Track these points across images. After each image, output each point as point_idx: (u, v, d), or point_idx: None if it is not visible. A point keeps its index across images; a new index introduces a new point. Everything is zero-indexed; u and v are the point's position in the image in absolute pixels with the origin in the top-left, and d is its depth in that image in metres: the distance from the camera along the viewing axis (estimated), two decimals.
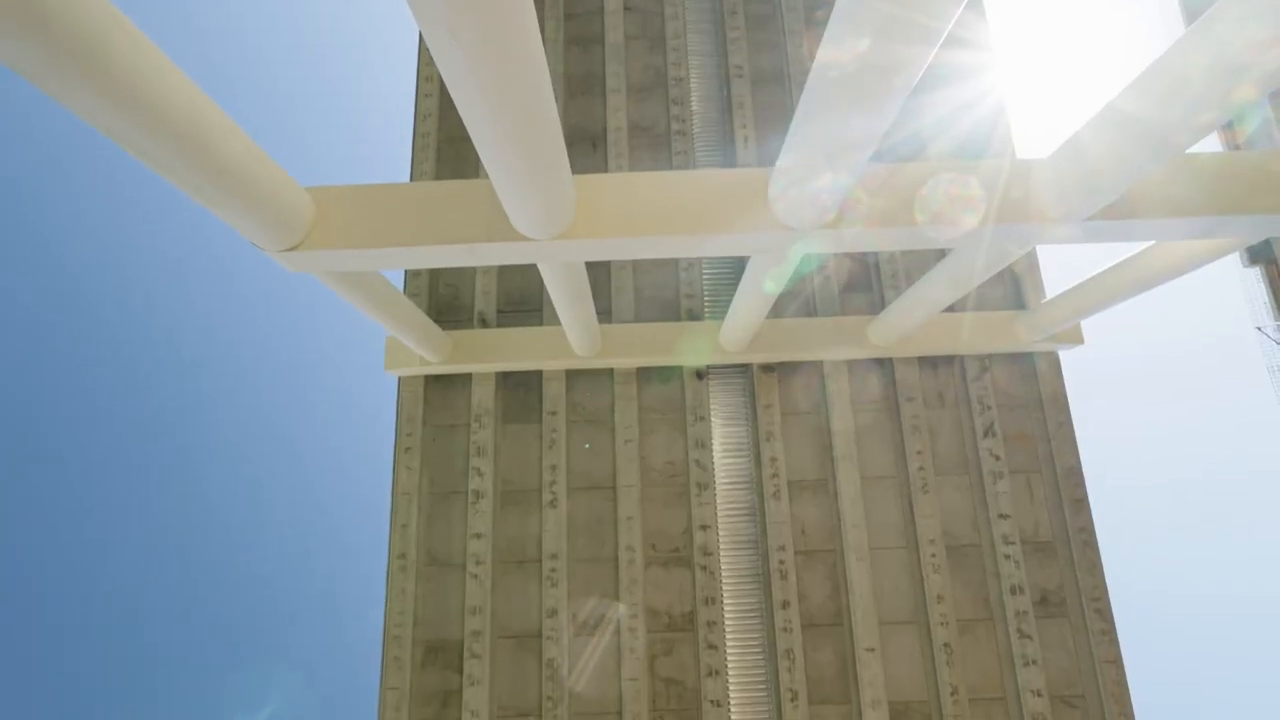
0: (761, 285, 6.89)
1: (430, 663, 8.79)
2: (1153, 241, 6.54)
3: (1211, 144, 15.61)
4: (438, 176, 10.38)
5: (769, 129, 10.57)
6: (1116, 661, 8.62)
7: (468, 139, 10.09)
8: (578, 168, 10.07)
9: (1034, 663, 8.57)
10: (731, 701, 8.64)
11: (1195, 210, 5.23)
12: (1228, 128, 15.15)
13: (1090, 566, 8.90)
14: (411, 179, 10.45)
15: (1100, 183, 4.77)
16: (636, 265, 10.09)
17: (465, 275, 10.09)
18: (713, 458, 9.40)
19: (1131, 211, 5.27)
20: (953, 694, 8.47)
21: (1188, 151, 5.00)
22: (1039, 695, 8.48)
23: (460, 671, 8.69)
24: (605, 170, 10.38)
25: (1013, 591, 8.80)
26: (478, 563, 8.97)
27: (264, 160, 4.30)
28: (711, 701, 8.52)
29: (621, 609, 8.77)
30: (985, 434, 9.34)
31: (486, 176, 8.67)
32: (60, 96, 2.98)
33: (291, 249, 5.16)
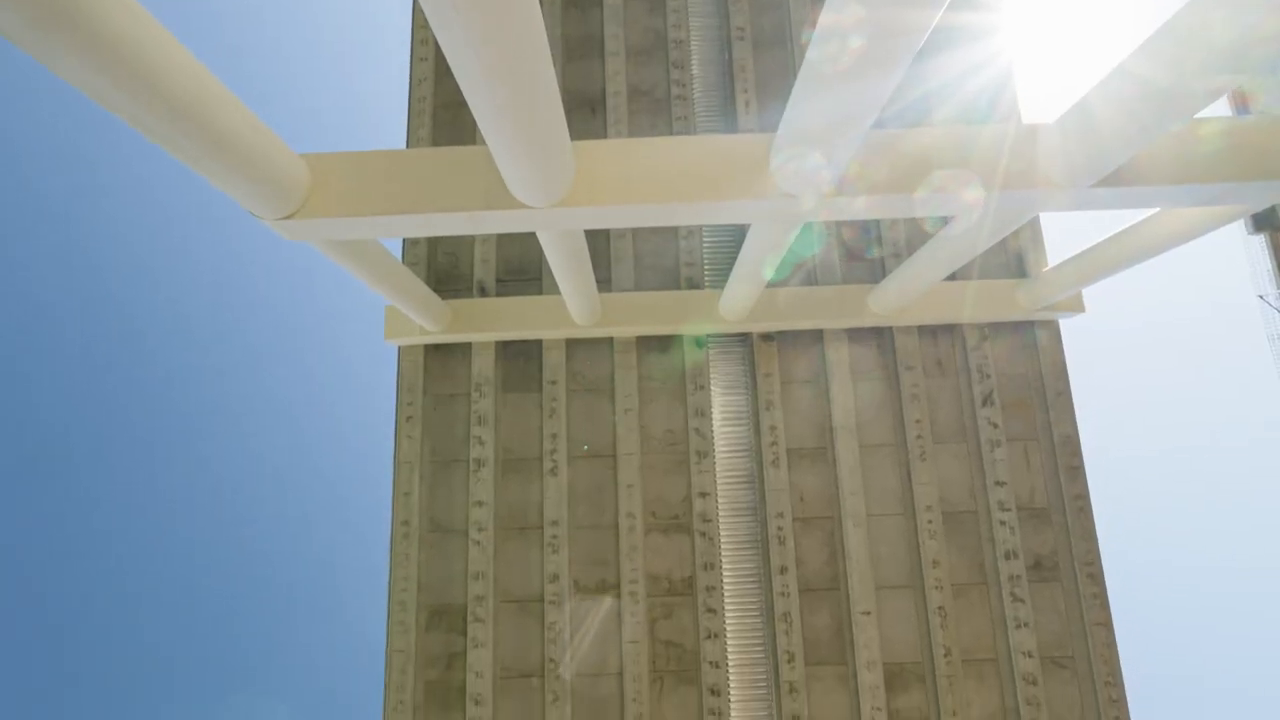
0: (762, 256, 6.84)
1: (435, 626, 8.98)
2: (1157, 209, 6.48)
3: (1221, 109, 15.35)
4: (434, 143, 10.23)
5: (771, 93, 10.38)
6: (1106, 624, 8.80)
7: (464, 104, 9.91)
8: (576, 133, 9.88)
9: (1026, 625, 8.76)
10: (730, 663, 8.85)
11: (1204, 177, 5.17)
12: (1239, 92, 14.89)
13: (1084, 532, 9.02)
14: (407, 145, 10.30)
15: (1108, 147, 4.70)
16: (636, 233, 10.01)
17: (464, 244, 10.01)
18: (712, 426, 9.46)
19: (1139, 178, 5.21)
20: (946, 655, 8.67)
21: (1198, 116, 4.92)
22: (1030, 656, 8.68)
23: (464, 634, 8.88)
24: (604, 136, 10.22)
25: (1007, 556, 8.95)
26: (480, 529, 9.10)
27: (258, 127, 4.23)
28: (710, 663, 8.72)
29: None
30: (984, 403, 9.38)
31: (484, 143, 8.54)
32: (51, 63, 2.93)
33: (288, 217, 5.11)
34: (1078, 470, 9.23)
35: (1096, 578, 8.92)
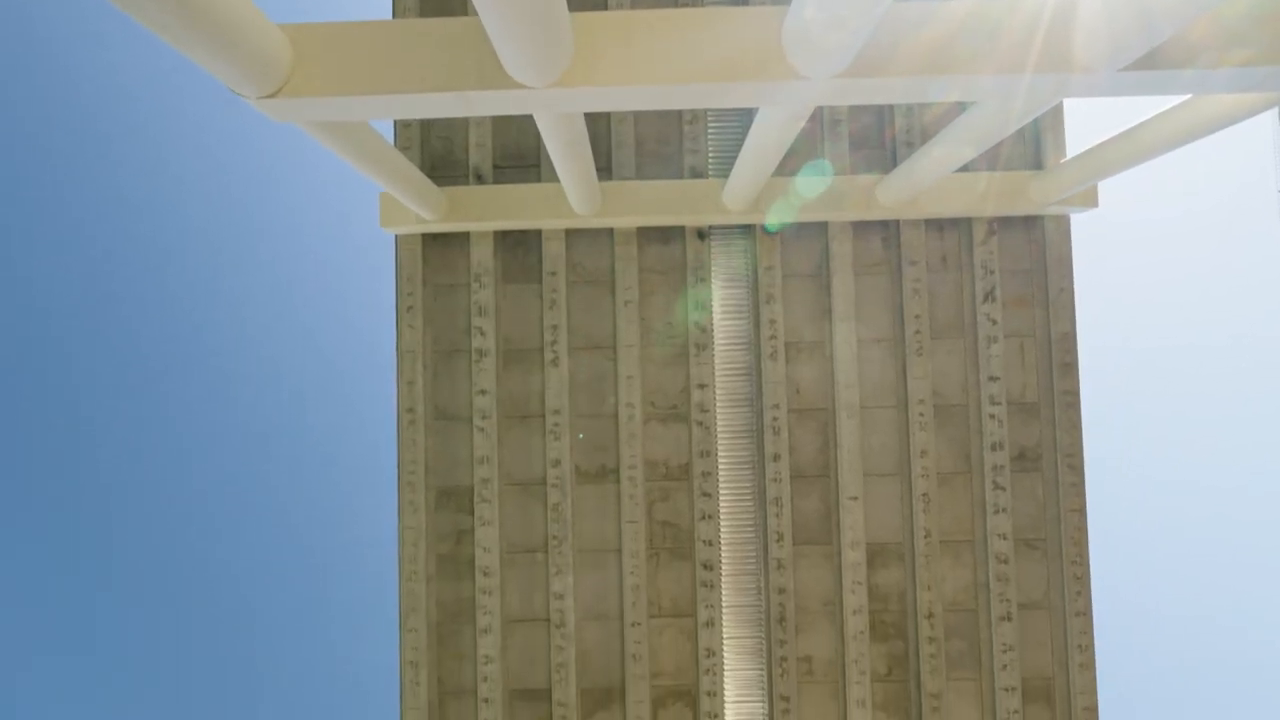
0: (769, 142, 6.55)
1: (443, 506, 9.47)
2: (1187, 95, 6.13)
3: None
4: (422, 13, 9.50)
5: None
6: (1081, 510, 9.28)
7: None
8: (574, 3, 9.17)
9: (1004, 510, 9.24)
10: (722, 542, 9.42)
11: (1250, 59, 4.82)
12: None
13: (1070, 426, 9.31)
14: (394, 15, 9.58)
15: (1154, 18, 4.30)
16: (638, 117, 9.54)
17: (458, 127, 9.56)
18: (712, 319, 9.50)
19: (1184, 60, 4.87)
20: (926, 537, 9.22)
21: None
22: (1004, 538, 9.23)
23: (471, 514, 9.38)
24: (605, 8, 9.48)
25: (993, 448, 9.28)
26: (483, 417, 9.36)
27: None
28: (704, 541, 9.28)
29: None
30: (985, 299, 9.35)
31: (476, 13, 7.93)
32: None
33: (271, 96, 4.84)
34: (1070, 366, 9.37)
35: (1076, 468, 9.30)
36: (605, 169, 9.45)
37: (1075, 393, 9.34)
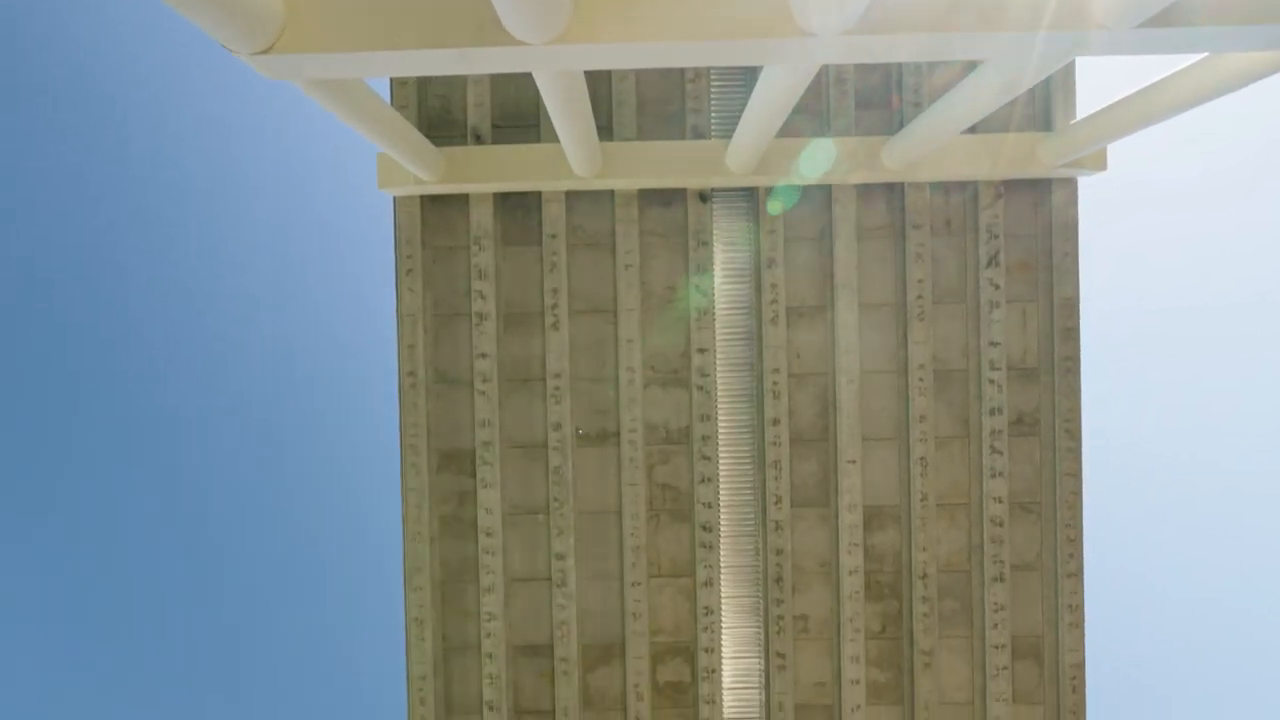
0: (773, 102, 6.40)
1: (445, 468, 9.57)
2: (1204, 54, 5.97)
3: None
4: None
5: None
6: (1076, 475, 9.38)
7: None
8: None
9: (1000, 474, 9.34)
10: (721, 504, 9.55)
11: (1271, 16, 4.68)
12: None
13: (1069, 391, 9.34)
14: None
15: None
16: (640, 76, 9.33)
17: (456, 86, 9.35)
18: (713, 283, 9.44)
19: (1202, 18, 4.72)
20: (922, 500, 9.34)
21: None
22: (1000, 501, 9.36)
23: (474, 476, 9.48)
24: None
25: (991, 413, 9.33)
26: (484, 380, 9.39)
27: None
28: (703, 504, 9.41)
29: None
30: (988, 263, 9.28)
31: None
32: None
33: (264, 52, 4.72)
34: (1072, 332, 9.36)
35: (1074, 433, 9.37)
36: (606, 129, 9.27)
37: (1075, 358, 9.35)
